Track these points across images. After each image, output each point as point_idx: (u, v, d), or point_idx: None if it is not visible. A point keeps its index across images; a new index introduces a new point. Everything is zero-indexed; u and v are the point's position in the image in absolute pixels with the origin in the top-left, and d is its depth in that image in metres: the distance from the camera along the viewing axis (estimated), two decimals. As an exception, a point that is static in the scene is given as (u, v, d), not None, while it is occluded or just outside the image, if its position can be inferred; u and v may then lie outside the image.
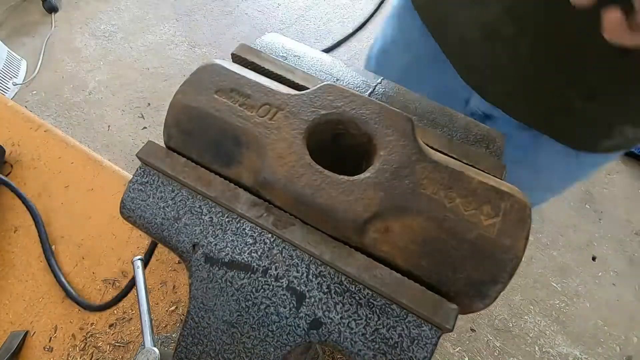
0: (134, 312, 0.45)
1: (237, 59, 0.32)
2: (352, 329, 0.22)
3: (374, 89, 0.31)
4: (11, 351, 0.41)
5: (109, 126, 1.70)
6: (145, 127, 1.70)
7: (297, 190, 0.23)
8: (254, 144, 0.25)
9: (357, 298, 0.22)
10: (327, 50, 0.41)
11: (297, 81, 0.30)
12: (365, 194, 0.22)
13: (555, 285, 1.41)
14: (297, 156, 0.24)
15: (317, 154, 0.24)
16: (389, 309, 0.22)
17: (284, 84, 0.29)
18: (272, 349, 0.23)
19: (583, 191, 1.63)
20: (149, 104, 1.77)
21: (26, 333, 0.43)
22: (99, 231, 0.50)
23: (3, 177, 0.48)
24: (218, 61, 0.28)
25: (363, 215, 0.22)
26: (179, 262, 0.48)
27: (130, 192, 0.27)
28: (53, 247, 0.48)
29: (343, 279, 0.23)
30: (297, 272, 0.23)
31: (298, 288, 0.23)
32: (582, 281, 1.42)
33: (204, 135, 0.26)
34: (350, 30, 0.53)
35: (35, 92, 1.78)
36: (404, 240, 0.22)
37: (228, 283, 0.24)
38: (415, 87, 0.33)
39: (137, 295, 0.31)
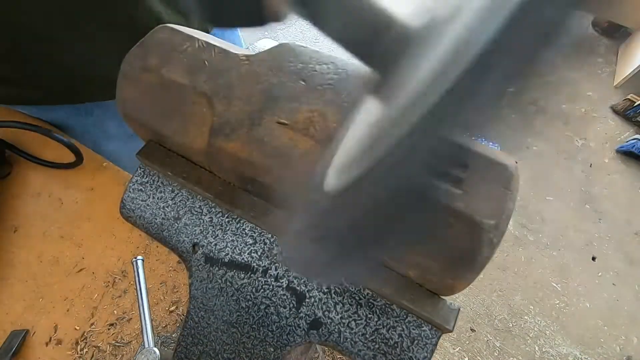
0: (134, 312, 0.45)
1: None
2: (352, 329, 0.22)
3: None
4: (11, 350, 0.41)
5: (109, 126, 1.70)
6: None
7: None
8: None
9: (357, 298, 0.22)
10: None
11: None
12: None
13: (555, 285, 1.41)
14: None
15: None
16: (389, 310, 0.22)
17: None
18: (272, 349, 0.23)
19: (583, 191, 1.63)
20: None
21: (26, 332, 0.43)
22: (99, 231, 0.49)
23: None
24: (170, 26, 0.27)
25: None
26: (179, 262, 0.48)
27: (130, 192, 0.27)
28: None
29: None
30: (297, 272, 0.23)
31: (298, 288, 0.23)
32: (582, 281, 1.42)
33: (156, 98, 0.25)
34: None
35: (35, 92, 1.78)
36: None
37: (228, 283, 0.24)
38: None
39: (137, 295, 0.31)
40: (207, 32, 0.41)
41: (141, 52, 0.26)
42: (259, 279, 0.24)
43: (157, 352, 0.28)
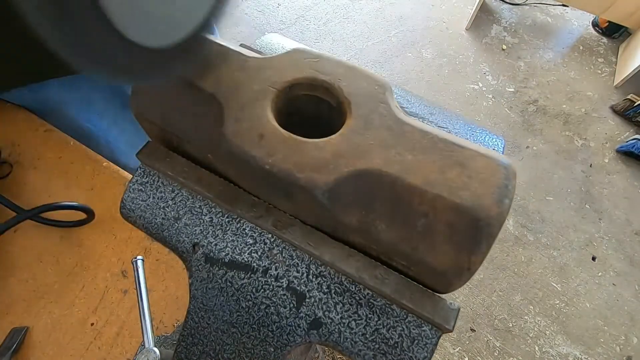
0: (134, 312, 0.45)
1: None
2: (352, 329, 0.22)
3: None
4: (12, 347, 0.41)
5: (109, 126, 1.70)
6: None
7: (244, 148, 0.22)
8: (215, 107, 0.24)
9: (357, 298, 0.22)
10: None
11: None
12: (323, 156, 0.21)
13: (555, 285, 1.41)
14: (257, 118, 0.22)
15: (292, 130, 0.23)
16: (389, 309, 0.22)
17: None
18: (272, 349, 0.23)
19: (583, 191, 1.63)
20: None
21: (27, 329, 0.43)
22: (99, 231, 0.49)
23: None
24: None
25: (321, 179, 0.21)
26: (178, 262, 0.48)
27: (130, 192, 0.27)
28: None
29: (343, 279, 0.23)
30: (297, 272, 0.23)
31: (298, 288, 0.23)
32: (582, 281, 1.42)
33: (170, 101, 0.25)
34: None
35: (35, 92, 1.78)
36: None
37: (228, 283, 0.24)
38: None
39: (137, 295, 0.31)
40: None
41: None
42: (259, 279, 0.24)
43: (157, 352, 0.28)
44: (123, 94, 0.61)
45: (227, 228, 0.25)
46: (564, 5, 2.15)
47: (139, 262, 0.32)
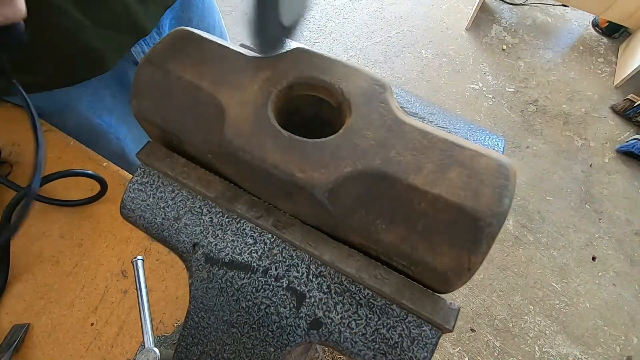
0: (134, 312, 0.45)
1: None
2: (352, 329, 0.22)
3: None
4: (14, 344, 0.41)
5: (109, 126, 1.70)
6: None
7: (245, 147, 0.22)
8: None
9: (357, 298, 0.22)
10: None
11: None
12: (323, 156, 0.21)
13: (555, 285, 1.41)
14: (257, 117, 0.23)
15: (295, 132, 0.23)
16: (389, 309, 0.22)
17: None
18: (272, 349, 0.23)
19: (583, 191, 1.63)
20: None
21: (28, 326, 0.43)
22: (99, 231, 0.49)
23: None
24: (188, 29, 0.28)
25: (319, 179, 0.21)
26: (178, 262, 0.48)
27: (130, 192, 0.27)
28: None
29: (343, 279, 0.23)
30: (297, 272, 0.23)
31: (298, 288, 0.23)
32: (582, 281, 1.42)
33: (173, 101, 0.25)
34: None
35: (35, 92, 1.78)
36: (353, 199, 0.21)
37: (228, 283, 0.24)
38: None
39: (137, 295, 0.31)
40: None
41: (157, 52, 0.26)
42: (259, 279, 0.24)
43: (157, 352, 0.28)
44: (129, 91, 0.61)
45: (227, 228, 0.25)
46: (564, 5, 2.15)
47: (139, 262, 0.32)
